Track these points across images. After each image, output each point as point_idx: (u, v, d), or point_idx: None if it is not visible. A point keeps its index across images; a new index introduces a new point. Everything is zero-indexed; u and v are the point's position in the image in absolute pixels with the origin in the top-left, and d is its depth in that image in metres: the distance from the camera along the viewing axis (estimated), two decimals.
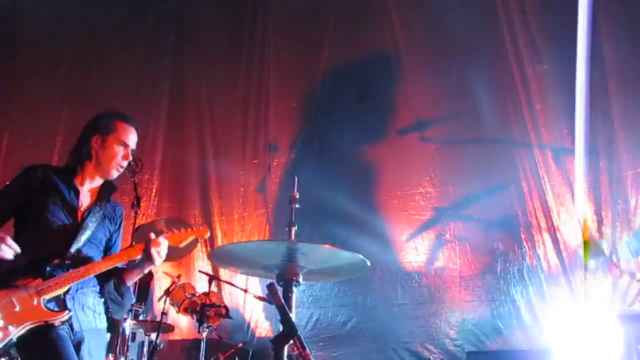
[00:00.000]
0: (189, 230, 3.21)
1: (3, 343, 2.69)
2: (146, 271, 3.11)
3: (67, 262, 2.91)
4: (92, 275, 2.93)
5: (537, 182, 5.94)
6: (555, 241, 5.79)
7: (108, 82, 7.71)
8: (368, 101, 6.82)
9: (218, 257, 3.22)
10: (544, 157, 5.99)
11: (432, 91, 6.61)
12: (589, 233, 5.68)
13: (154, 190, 7.29)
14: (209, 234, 3.30)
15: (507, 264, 5.93)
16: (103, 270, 2.93)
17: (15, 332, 2.71)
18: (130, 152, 3.19)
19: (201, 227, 3.36)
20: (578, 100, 5.88)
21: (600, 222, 5.64)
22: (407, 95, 6.68)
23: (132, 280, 3.15)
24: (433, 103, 6.59)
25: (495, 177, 6.19)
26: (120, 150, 3.14)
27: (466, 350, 5.31)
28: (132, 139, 3.21)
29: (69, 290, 2.88)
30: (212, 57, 7.70)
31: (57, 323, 2.80)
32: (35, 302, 2.77)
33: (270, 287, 2.30)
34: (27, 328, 2.74)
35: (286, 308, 2.29)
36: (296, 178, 2.80)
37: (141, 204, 5.24)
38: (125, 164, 3.19)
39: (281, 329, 2.28)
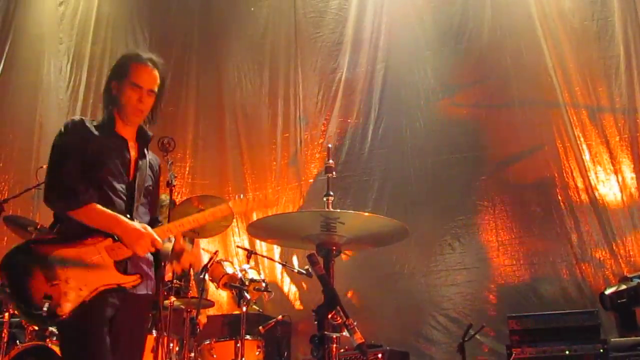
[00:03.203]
0: (211, 210, 3.12)
1: (75, 305, 2.59)
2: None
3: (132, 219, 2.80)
4: None
5: (572, 142, 5.87)
6: (594, 201, 5.72)
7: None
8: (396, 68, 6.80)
9: (257, 230, 3.23)
10: (578, 116, 5.91)
11: (458, 57, 6.53)
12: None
13: (187, 168, 7.34)
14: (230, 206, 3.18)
15: (545, 227, 5.88)
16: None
17: (87, 294, 2.61)
18: (147, 93, 2.94)
19: (222, 204, 3.21)
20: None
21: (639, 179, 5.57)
22: (435, 64, 6.61)
23: None
24: (460, 69, 6.52)
25: (529, 139, 6.13)
26: (134, 94, 2.92)
27: (507, 315, 5.27)
28: (146, 79, 2.95)
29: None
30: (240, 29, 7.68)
31: (128, 286, 2.73)
32: (106, 264, 2.68)
33: (310, 257, 2.29)
34: (100, 290, 2.65)
35: (328, 278, 2.29)
36: (330, 147, 2.78)
37: (175, 183, 5.27)
38: (144, 107, 2.96)
39: (323, 299, 2.29)
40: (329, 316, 2.25)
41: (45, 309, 2.55)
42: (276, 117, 7.20)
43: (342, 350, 2.79)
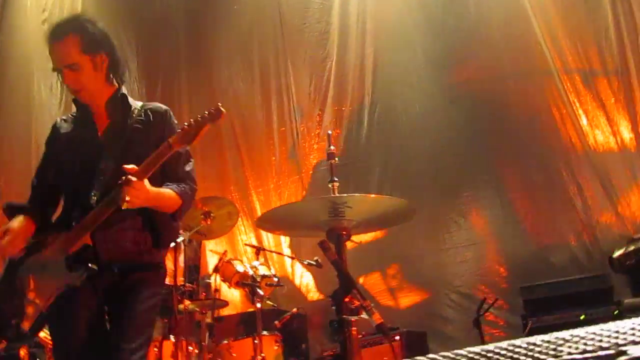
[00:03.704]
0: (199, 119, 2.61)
1: (34, 320, 2.50)
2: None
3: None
4: None
5: (568, 109, 5.86)
6: (595, 165, 5.72)
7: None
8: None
9: (265, 223, 3.24)
10: (572, 82, 5.90)
11: (446, 35, 6.52)
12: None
13: None
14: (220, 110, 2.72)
15: (549, 195, 5.89)
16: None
17: (43, 305, 2.51)
18: (65, 72, 2.65)
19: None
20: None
21: (638, 139, 5.57)
22: (424, 44, 6.61)
23: None
24: (450, 46, 6.51)
25: (525, 110, 6.14)
26: (60, 77, 2.69)
27: (519, 286, 5.29)
28: (55, 58, 2.68)
29: None
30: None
31: (78, 284, 2.51)
32: (58, 263, 2.53)
33: (322, 244, 2.31)
34: (55, 296, 2.51)
35: (341, 262, 2.31)
36: (329, 133, 2.80)
37: None
38: (72, 85, 2.68)
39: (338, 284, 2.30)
40: (346, 300, 2.27)
41: (14, 327, 2.53)
42: (271, 113, 7.19)
43: (360, 336, 2.82)
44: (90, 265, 2.54)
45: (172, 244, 5.19)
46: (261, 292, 5.31)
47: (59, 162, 2.82)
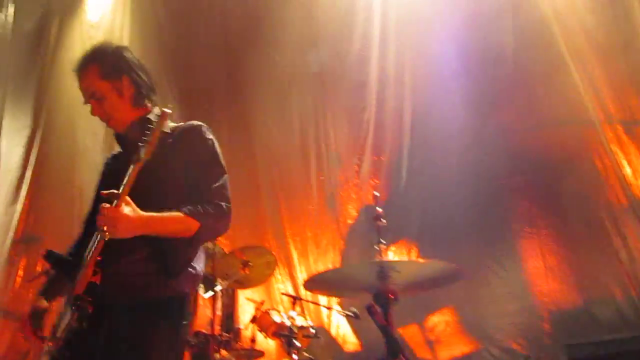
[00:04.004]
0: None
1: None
2: None
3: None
4: None
5: (611, 159, 5.76)
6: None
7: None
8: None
9: (314, 285, 3.22)
10: (614, 132, 5.81)
11: (484, 84, 6.50)
12: None
13: None
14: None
15: (592, 247, 5.75)
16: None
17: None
18: (92, 102, 2.74)
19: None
20: None
21: None
22: (462, 93, 6.60)
23: None
24: (488, 95, 6.49)
25: (566, 160, 6.04)
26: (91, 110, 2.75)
27: (563, 343, 5.14)
28: (82, 91, 2.77)
29: None
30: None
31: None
32: None
33: (369, 308, 2.28)
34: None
35: (389, 327, 2.27)
36: (376, 194, 2.78)
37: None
38: (101, 116, 2.76)
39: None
40: None
41: None
42: (309, 161, 7.21)
43: None
44: (84, 305, 2.42)
45: (209, 293, 5.21)
46: (298, 344, 5.26)
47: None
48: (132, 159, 2.38)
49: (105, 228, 2.32)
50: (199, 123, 2.84)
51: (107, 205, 2.34)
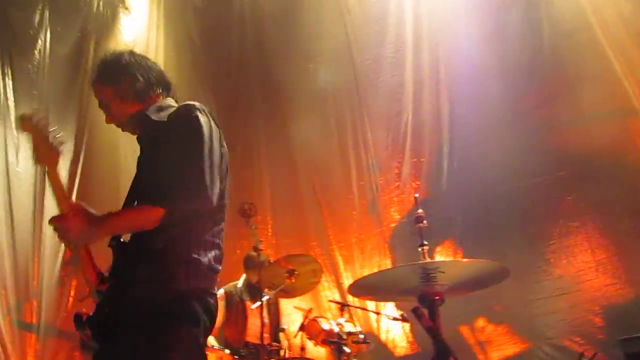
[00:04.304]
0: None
1: None
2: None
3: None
4: None
5: None
6: None
7: None
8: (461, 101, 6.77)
9: (358, 290, 3.22)
10: None
11: (522, 80, 6.43)
12: None
13: (269, 230, 7.43)
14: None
15: None
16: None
17: None
18: (103, 110, 2.86)
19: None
20: None
21: None
22: (500, 90, 6.54)
23: None
24: (526, 91, 6.43)
25: (609, 151, 5.93)
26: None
27: (618, 338, 5.04)
28: (97, 97, 2.88)
29: None
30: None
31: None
32: None
33: (415, 311, 2.27)
34: None
35: (435, 329, 2.26)
36: (417, 196, 2.78)
37: (261, 247, 5.36)
38: (110, 120, 2.85)
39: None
40: None
41: None
42: (349, 167, 7.23)
43: None
44: (86, 322, 2.48)
45: (257, 303, 5.23)
46: (348, 350, 5.26)
47: None
48: None
49: (58, 238, 2.36)
50: (186, 103, 2.67)
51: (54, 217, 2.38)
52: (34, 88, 8.21)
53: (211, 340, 5.52)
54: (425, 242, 2.53)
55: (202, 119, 2.57)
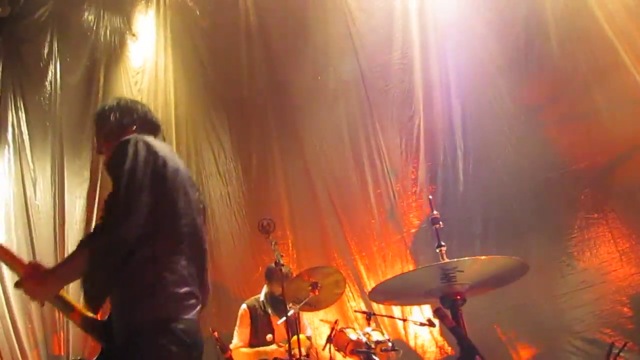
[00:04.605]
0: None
1: None
2: None
3: None
4: None
5: None
6: None
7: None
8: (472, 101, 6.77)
9: (378, 295, 3.23)
10: None
11: (532, 76, 6.43)
12: None
13: (290, 245, 7.46)
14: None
15: None
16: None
17: None
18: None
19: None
20: None
21: None
22: (510, 88, 6.54)
23: None
24: (537, 87, 6.42)
25: (624, 141, 5.90)
26: None
27: None
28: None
29: None
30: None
31: None
32: None
33: (438, 311, 2.28)
34: None
35: (460, 329, 2.26)
36: (430, 198, 2.79)
37: (283, 261, 5.38)
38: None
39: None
40: None
41: None
42: (365, 176, 7.24)
43: None
44: None
45: (282, 319, 5.24)
46: (377, 359, 5.25)
47: None
48: None
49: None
50: (123, 139, 2.72)
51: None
52: (47, 119, 8.32)
53: None
54: (443, 243, 2.54)
55: (131, 151, 2.61)
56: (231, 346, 6.01)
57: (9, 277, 8.49)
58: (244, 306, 6.20)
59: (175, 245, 2.60)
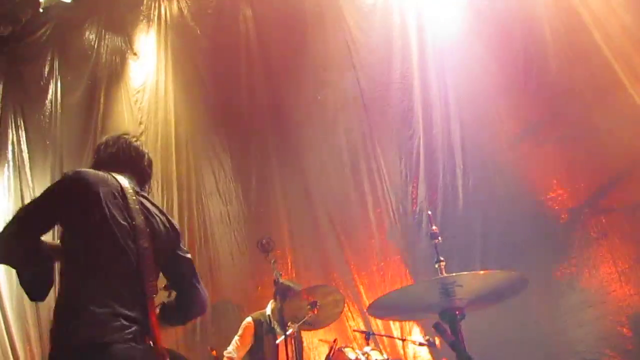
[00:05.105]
0: None
1: None
2: None
3: None
4: None
5: None
6: None
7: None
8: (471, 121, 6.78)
9: (377, 310, 3.21)
10: None
11: (530, 95, 6.45)
12: None
13: (289, 263, 7.44)
14: None
15: None
16: None
17: None
18: None
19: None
20: None
21: None
22: (509, 107, 6.56)
23: None
24: (536, 106, 6.44)
25: (623, 160, 5.92)
26: None
27: None
28: None
29: None
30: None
31: None
32: None
33: (437, 326, 2.27)
34: None
35: (458, 343, 2.26)
36: (429, 213, 2.79)
37: (282, 280, 5.37)
38: None
39: None
40: None
41: None
42: (364, 195, 7.23)
43: None
44: None
45: (281, 338, 5.22)
46: None
47: None
48: None
49: None
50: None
51: None
52: (47, 138, 8.32)
53: None
54: (442, 258, 2.54)
55: (60, 182, 2.86)
56: (225, 352, 6.00)
57: (8, 298, 8.47)
58: (249, 319, 6.18)
59: (97, 267, 2.63)
